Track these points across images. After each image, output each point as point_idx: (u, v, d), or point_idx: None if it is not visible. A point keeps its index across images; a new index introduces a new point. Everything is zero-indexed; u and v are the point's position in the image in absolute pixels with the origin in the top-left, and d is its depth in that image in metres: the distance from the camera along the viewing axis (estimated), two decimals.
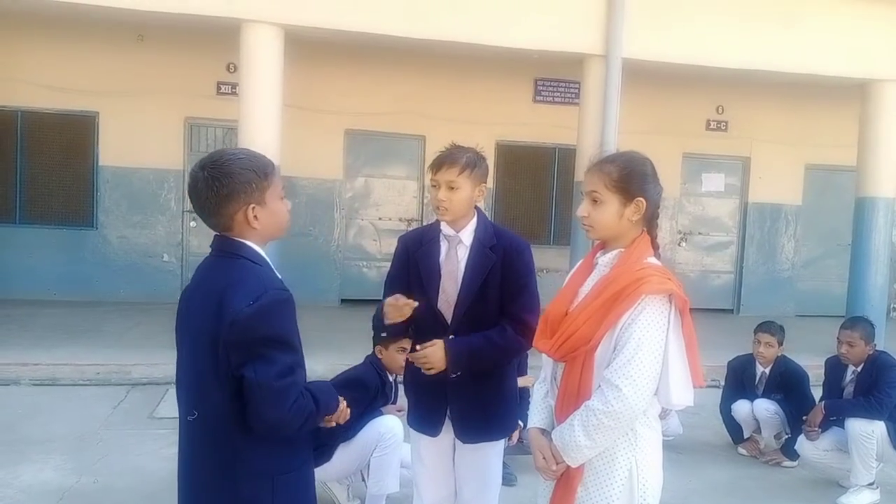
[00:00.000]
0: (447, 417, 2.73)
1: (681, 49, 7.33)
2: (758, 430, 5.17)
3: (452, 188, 2.62)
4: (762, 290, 10.72)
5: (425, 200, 9.88)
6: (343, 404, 2.04)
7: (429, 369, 2.61)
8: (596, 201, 2.15)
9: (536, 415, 2.28)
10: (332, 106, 9.23)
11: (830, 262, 11.03)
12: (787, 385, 4.98)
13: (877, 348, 4.53)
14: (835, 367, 4.73)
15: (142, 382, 6.11)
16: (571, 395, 2.10)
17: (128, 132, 8.95)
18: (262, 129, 6.55)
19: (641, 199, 2.12)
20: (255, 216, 1.87)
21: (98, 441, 4.80)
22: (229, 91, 9.06)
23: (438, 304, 2.68)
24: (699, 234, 10.83)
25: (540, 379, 2.36)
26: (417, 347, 2.64)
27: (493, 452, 2.80)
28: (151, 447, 4.73)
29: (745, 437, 5.20)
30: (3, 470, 4.25)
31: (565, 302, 2.22)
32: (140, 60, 8.88)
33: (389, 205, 9.93)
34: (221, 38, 7.48)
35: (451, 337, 2.62)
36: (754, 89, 9.65)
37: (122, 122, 8.94)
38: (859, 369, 4.53)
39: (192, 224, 9.32)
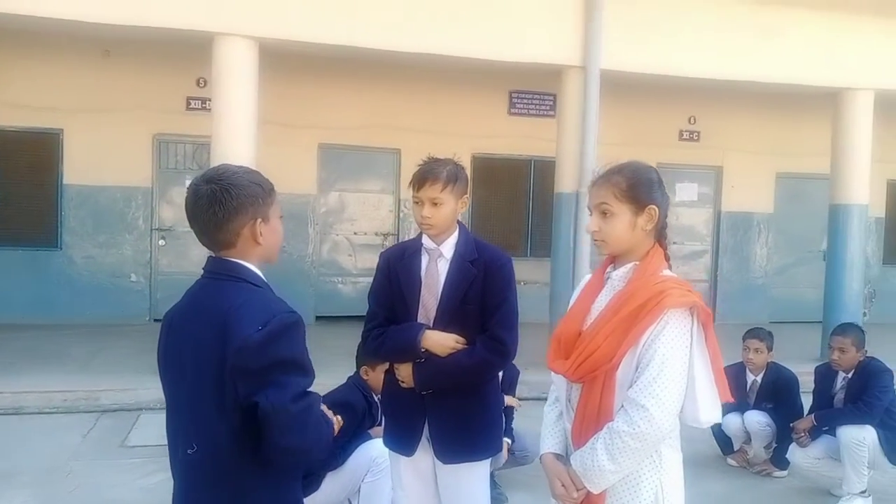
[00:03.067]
0: (424, 437, 2.64)
1: (658, 60, 7.34)
2: (747, 440, 5.13)
3: (436, 204, 2.58)
4: (737, 298, 10.79)
5: (401, 215, 9.76)
6: (336, 425, 1.93)
7: (402, 382, 2.63)
8: (606, 213, 2.07)
9: (550, 438, 2.18)
10: (304, 120, 9.09)
11: (802, 269, 11.17)
12: (779, 392, 4.94)
13: (867, 354, 4.51)
14: (825, 375, 4.71)
15: (112, 409, 5.86)
16: (591, 418, 2.00)
17: (94, 150, 8.69)
18: (236, 144, 6.37)
19: (653, 206, 2.05)
20: (261, 232, 1.81)
21: (68, 473, 4.56)
22: (199, 106, 8.89)
23: (418, 318, 2.62)
24: (674, 243, 10.83)
25: (551, 400, 2.26)
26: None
27: (477, 474, 2.69)
28: (126, 478, 4.51)
29: (735, 448, 5.15)
30: None
31: (577, 320, 2.12)
32: (106, 76, 8.65)
33: (365, 219, 9.79)
34: (191, 52, 7.31)
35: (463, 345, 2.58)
36: (725, 99, 9.74)
37: (87, 140, 8.67)
38: (850, 375, 4.51)
39: (161, 243, 9.09)
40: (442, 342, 2.56)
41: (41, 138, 8.69)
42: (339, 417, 1.96)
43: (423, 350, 2.56)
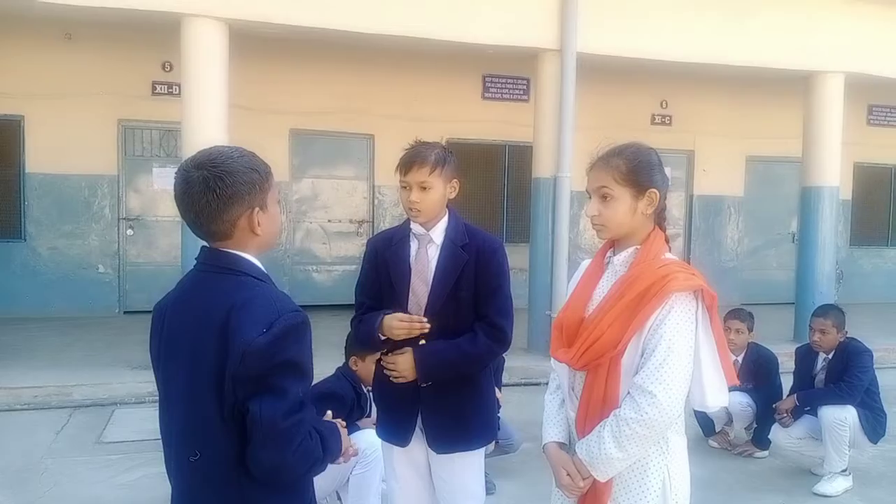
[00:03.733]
0: (418, 427, 2.58)
1: (630, 43, 7.32)
2: (728, 422, 5.17)
3: (424, 188, 2.50)
4: (709, 281, 10.83)
5: (376, 201, 9.66)
6: (348, 443, 1.86)
7: (397, 378, 2.52)
8: (606, 197, 2.02)
9: (553, 428, 2.13)
10: (275, 105, 8.91)
11: (772, 252, 11.38)
12: (759, 372, 4.97)
13: (847, 335, 4.56)
14: (805, 356, 4.76)
15: (85, 404, 5.69)
16: (597, 405, 1.96)
17: (57, 137, 8.42)
18: (206, 130, 6.19)
19: (654, 190, 2.01)
20: (259, 222, 1.66)
21: (42, 472, 4.41)
22: (165, 91, 8.68)
23: (409, 307, 2.54)
24: None
25: (551, 389, 2.22)
26: (388, 354, 2.52)
27: (471, 463, 2.65)
28: (104, 475, 4.38)
29: (717, 430, 5.20)
30: None
31: (580, 307, 2.08)
32: (68, 60, 8.38)
33: (338, 206, 9.66)
34: (156, 35, 7.10)
35: (421, 342, 2.49)
36: (696, 83, 9.80)
37: (50, 127, 8.40)
38: (830, 356, 4.56)
39: (129, 232, 8.86)
40: (392, 325, 2.46)
41: (1, 125, 8.39)
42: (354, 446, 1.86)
43: (382, 339, 2.49)
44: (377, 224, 9.53)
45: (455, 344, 2.51)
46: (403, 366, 2.50)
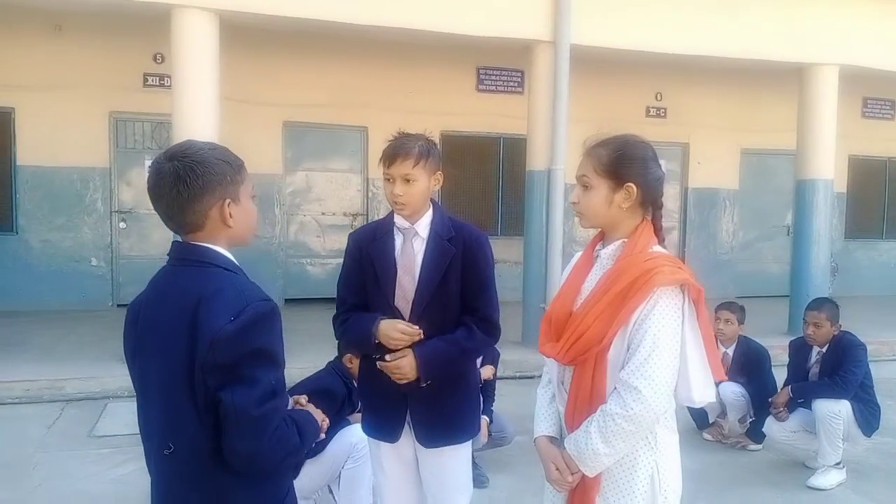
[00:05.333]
0: (407, 423, 2.57)
1: (624, 35, 7.28)
2: (722, 414, 5.16)
3: (408, 181, 2.46)
4: (704, 274, 10.53)
5: (370, 194, 9.62)
6: (324, 425, 1.86)
7: (400, 379, 2.47)
8: (586, 187, 2.01)
9: (544, 422, 2.12)
10: (268, 97, 8.86)
11: (766, 244, 11.38)
12: (750, 365, 4.97)
13: (842, 329, 4.55)
14: (799, 349, 4.75)
15: (77, 398, 5.68)
16: (584, 400, 1.95)
17: (48, 129, 8.37)
18: (197, 122, 6.15)
19: (631, 184, 1.97)
20: (231, 213, 1.67)
21: (33, 466, 4.39)
22: (157, 83, 8.62)
23: (395, 302, 2.51)
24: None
25: (543, 382, 2.21)
26: (387, 357, 2.46)
27: (459, 456, 2.65)
28: (95, 469, 4.36)
29: (710, 421, 5.19)
30: None
31: (568, 301, 2.05)
32: (59, 52, 8.31)
33: (333, 199, 9.62)
34: (147, 26, 7.05)
35: (418, 334, 2.45)
36: (691, 76, 9.76)
37: (41, 119, 8.35)
38: (824, 350, 4.55)
39: (122, 225, 8.83)
40: (391, 334, 2.43)
41: None
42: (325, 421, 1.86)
43: (376, 342, 2.46)
44: (371, 217, 9.49)
45: (454, 340, 2.49)
46: (406, 367, 2.45)
